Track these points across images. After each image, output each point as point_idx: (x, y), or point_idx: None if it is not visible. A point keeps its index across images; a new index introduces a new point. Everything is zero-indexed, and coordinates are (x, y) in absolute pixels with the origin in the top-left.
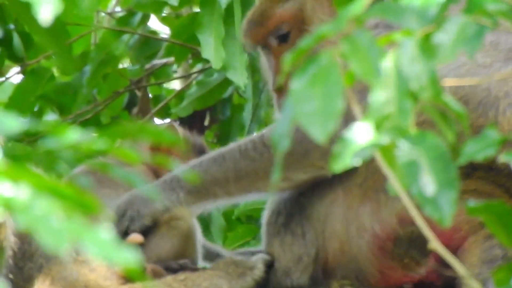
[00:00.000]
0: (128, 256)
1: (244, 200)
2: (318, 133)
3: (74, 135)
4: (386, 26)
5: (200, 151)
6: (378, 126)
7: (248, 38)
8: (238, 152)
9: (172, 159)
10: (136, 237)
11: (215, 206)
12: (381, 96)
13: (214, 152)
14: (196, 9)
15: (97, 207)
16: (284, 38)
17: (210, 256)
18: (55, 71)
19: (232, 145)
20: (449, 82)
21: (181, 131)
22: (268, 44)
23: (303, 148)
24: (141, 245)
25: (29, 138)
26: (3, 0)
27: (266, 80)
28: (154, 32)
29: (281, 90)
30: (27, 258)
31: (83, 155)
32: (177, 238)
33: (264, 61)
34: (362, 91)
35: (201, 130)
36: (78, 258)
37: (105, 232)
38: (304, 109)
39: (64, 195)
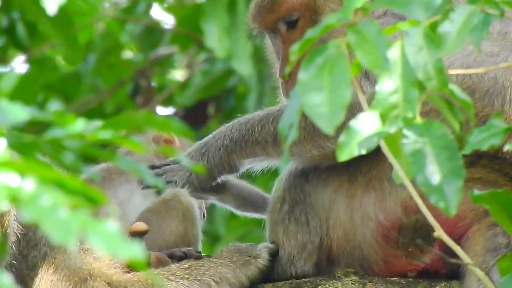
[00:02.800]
0: (133, 249)
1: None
2: (326, 124)
3: (79, 125)
4: (394, 14)
5: None
6: (384, 116)
7: (257, 22)
8: (279, 113)
9: (175, 149)
10: (140, 225)
11: (259, 161)
12: (388, 85)
13: (257, 113)
14: None
15: (102, 200)
16: (293, 25)
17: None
18: (60, 61)
19: (274, 108)
20: (455, 71)
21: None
22: (277, 29)
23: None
24: (146, 233)
25: (34, 127)
26: None
27: (271, 64)
28: (158, 22)
29: (287, 77)
30: (32, 247)
31: (88, 144)
32: (178, 219)
33: (270, 46)
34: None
35: (204, 119)
36: (82, 246)
37: (111, 225)
38: (311, 100)
39: (70, 187)
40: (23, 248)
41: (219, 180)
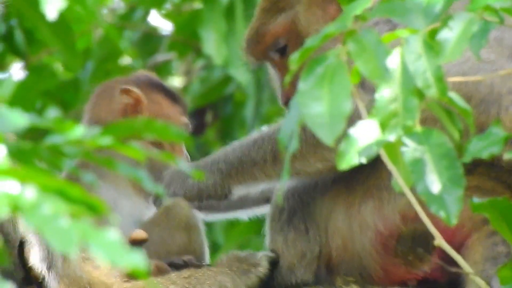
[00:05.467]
0: (134, 258)
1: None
2: (326, 135)
3: (78, 131)
4: (387, 22)
5: None
6: (384, 124)
7: (249, 55)
8: (276, 133)
9: (175, 154)
10: (140, 233)
11: (253, 188)
12: (387, 93)
13: (253, 135)
14: (198, 6)
15: (103, 208)
16: (283, 51)
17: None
18: (58, 67)
19: (271, 127)
20: (454, 79)
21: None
22: (270, 58)
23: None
24: (145, 241)
25: (32, 134)
26: None
27: (275, 91)
28: (156, 29)
29: (287, 86)
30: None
31: (87, 150)
32: (179, 230)
33: (272, 74)
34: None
35: (202, 126)
36: (82, 255)
37: (112, 234)
38: (311, 110)
39: (71, 195)
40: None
41: (202, 204)
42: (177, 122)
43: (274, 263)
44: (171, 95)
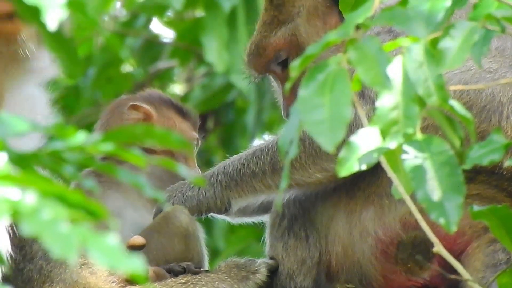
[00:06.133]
0: (133, 263)
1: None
2: (326, 142)
3: (79, 137)
4: (388, 32)
5: None
6: (385, 131)
7: (252, 69)
8: (274, 145)
9: (176, 161)
10: (138, 239)
11: (254, 200)
12: (388, 101)
13: (253, 147)
14: (200, 13)
15: (103, 214)
16: (285, 64)
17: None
18: (59, 75)
19: (270, 139)
20: (456, 87)
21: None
22: (272, 72)
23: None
24: (143, 247)
25: None
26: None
27: (279, 104)
28: (158, 36)
29: (288, 93)
30: (28, 260)
31: (89, 157)
32: (177, 237)
33: (275, 87)
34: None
35: (204, 133)
36: (78, 261)
37: (112, 239)
38: (312, 117)
39: (71, 201)
40: (19, 261)
41: (203, 216)
42: (187, 137)
43: (273, 270)
44: (181, 111)
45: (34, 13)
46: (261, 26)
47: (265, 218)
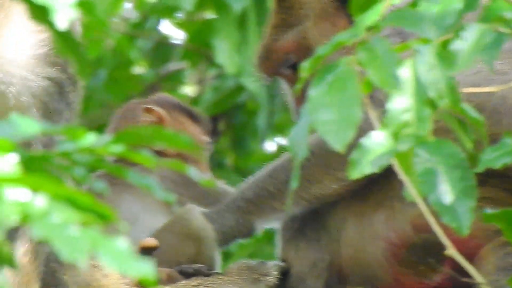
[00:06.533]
0: (143, 266)
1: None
2: (336, 142)
3: (89, 139)
4: (398, 34)
5: None
6: (396, 134)
7: (261, 72)
8: (288, 163)
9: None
10: (150, 240)
11: (276, 219)
12: (399, 103)
13: (268, 167)
14: (210, 15)
15: (114, 217)
16: (295, 67)
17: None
18: None
19: (284, 157)
20: (468, 90)
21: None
22: (282, 74)
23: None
24: (156, 248)
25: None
26: None
27: (290, 106)
28: (168, 37)
29: (298, 93)
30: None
31: (99, 158)
32: (189, 239)
33: (286, 90)
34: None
35: (214, 135)
36: (91, 263)
37: (122, 242)
38: (321, 117)
39: (81, 204)
40: None
41: (230, 243)
42: (198, 140)
43: (284, 273)
44: (193, 115)
45: (44, 13)
46: (270, 29)
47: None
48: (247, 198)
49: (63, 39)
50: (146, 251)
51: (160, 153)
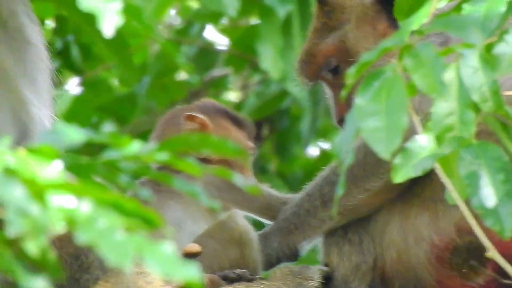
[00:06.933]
0: (189, 271)
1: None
2: (383, 149)
3: (135, 147)
4: (439, 35)
5: None
6: (440, 137)
7: (303, 76)
8: (321, 180)
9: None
10: (194, 246)
11: (316, 236)
12: (443, 107)
13: (306, 187)
14: (254, 21)
15: (159, 222)
16: (336, 71)
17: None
18: (114, 82)
19: (318, 176)
20: (509, 92)
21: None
22: (323, 78)
23: (374, 158)
24: (199, 254)
25: (89, 149)
26: (62, 11)
27: (332, 110)
28: (212, 43)
29: (343, 100)
30: (84, 270)
31: (144, 166)
32: (232, 244)
33: (327, 93)
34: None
35: (258, 140)
36: (134, 270)
37: (167, 247)
38: (368, 124)
39: (126, 209)
40: (75, 271)
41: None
42: (243, 146)
43: (328, 277)
44: (237, 120)
45: (90, 20)
46: (312, 33)
47: None
48: (287, 219)
49: (109, 45)
50: (189, 256)
51: (204, 159)
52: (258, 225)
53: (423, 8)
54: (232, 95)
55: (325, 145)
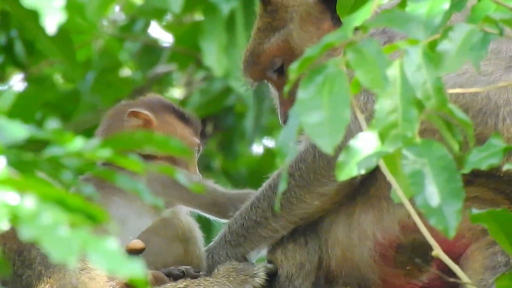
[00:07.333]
0: (133, 267)
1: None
2: (326, 144)
3: (78, 143)
4: (382, 33)
5: None
6: (383, 135)
7: (248, 77)
8: (269, 190)
9: (177, 166)
10: (137, 242)
11: (266, 245)
12: (387, 104)
13: (250, 198)
14: (199, 17)
15: (103, 218)
16: (280, 71)
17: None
18: (58, 79)
19: (263, 185)
20: (451, 90)
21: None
22: (268, 78)
23: (324, 161)
24: (143, 250)
25: (32, 146)
26: (6, 7)
27: (277, 110)
28: (156, 40)
29: (287, 96)
30: (26, 266)
31: (87, 163)
32: (176, 241)
33: (273, 93)
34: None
35: (202, 138)
36: (78, 266)
37: (111, 243)
38: (311, 118)
39: (70, 205)
40: (18, 267)
41: None
42: (189, 142)
43: (272, 274)
44: (183, 116)
45: (33, 16)
46: (256, 33)
47: None
48: (235, 231)
49: (53, 42)
50: (133, 253)
51: (149, 155)
52: (203, 222)
53: (366, 5)
54: (177, 92)
55: (270, 143)
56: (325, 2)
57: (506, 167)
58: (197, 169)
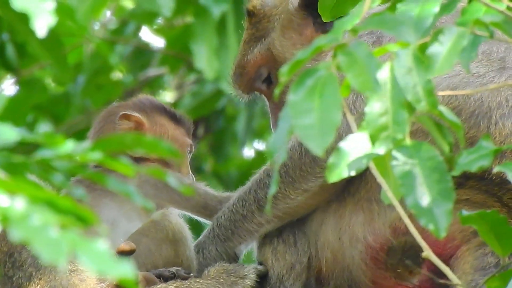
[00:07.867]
0: (123, 269)
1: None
2: (316, 146)
3: (68, 146)
4: (370, 34)
5: None
6: (374, 137)
7: (238, 89)
8: (255, 184)
9: (170, 168)
10: (127, 244)
11: (254, 240)
12: (377, 106)
13: (237, 192)
14: (189, 20)
15: (93, 220)
16: (268, 80)
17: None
18: (49, 82)
19: (251, 180)
20: (444, 92)
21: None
22: (258, 89)
23: (309, 157)
24: (133, 252)
25: (23, 148)
26: None
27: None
28: (147, 43)
29: (278, 99)
30: (17, 267)
31: (78, 165)
32: (166, 242)
33: (266, 104)
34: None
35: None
36: (68, 268)
37: (101, 245)
38: (301, 121)
39: (60, 207)
40: (8, 269)
41: None
42: (181, 143)
43: (262, 276)
44: (174, 117)
45: (24, 19)
46: (242, 46)
47: None
48: (223, 225)
49: (44, 45)
50: (123, 254)
51: (141, 158)
52: (193, 224)
53: (356, 8)
54: (168, 95)
55: (260, 146)
56: (306, 9)
57: (496, 170)
58: (189, 169)
